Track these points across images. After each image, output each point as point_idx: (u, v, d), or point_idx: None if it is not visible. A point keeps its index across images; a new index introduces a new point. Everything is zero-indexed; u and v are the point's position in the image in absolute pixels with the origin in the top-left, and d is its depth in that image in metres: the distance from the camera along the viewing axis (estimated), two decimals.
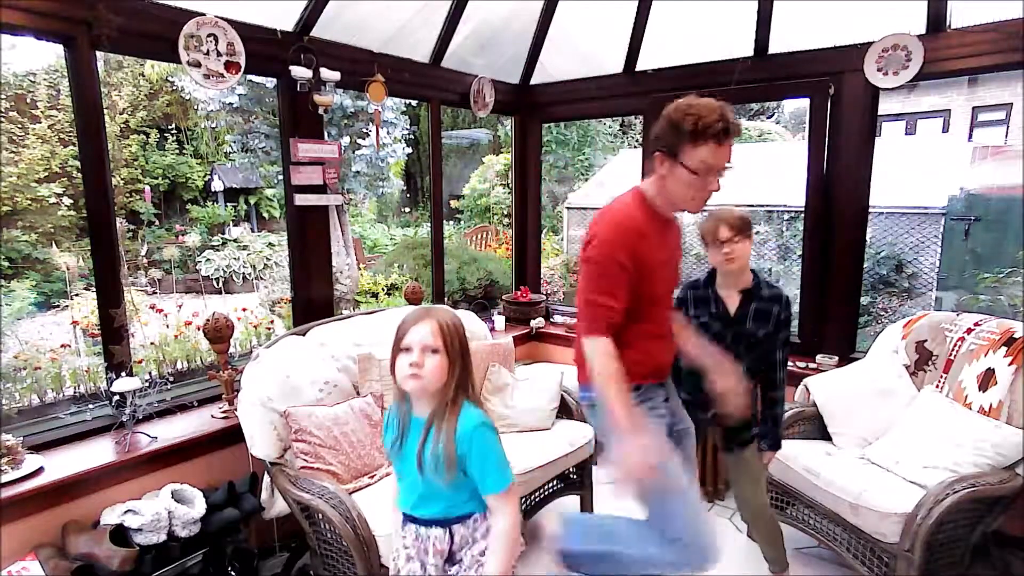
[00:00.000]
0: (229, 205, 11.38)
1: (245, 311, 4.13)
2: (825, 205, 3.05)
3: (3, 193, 7.92)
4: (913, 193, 6.68)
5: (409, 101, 7.42)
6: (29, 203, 8.21)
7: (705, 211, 1.77)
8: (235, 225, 11.18)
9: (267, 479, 2.26)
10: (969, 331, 2.44)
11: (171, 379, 2.67)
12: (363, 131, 7.09)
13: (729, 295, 2.05)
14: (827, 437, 2.57)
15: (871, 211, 3.21)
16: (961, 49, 2.66)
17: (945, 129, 10.27)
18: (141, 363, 3.05)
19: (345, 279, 6.55)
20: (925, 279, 6.55)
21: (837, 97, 2.97)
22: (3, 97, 8.22)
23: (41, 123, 8.47)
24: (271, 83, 5.98)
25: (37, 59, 8.79)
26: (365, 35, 3.00)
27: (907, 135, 10.65)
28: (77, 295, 4.84)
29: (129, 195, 9.80)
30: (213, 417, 2.42)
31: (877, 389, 2.53)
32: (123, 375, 2.23)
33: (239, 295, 8.64)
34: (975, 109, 10.11)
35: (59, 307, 5.76)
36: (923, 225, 6.63)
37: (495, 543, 1.35)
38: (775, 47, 3.12)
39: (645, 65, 3.57)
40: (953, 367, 2.43)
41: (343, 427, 2.28)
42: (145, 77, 10.24)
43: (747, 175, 1.58)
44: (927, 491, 1.98)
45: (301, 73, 2.69)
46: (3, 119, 8.20)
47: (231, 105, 6.80)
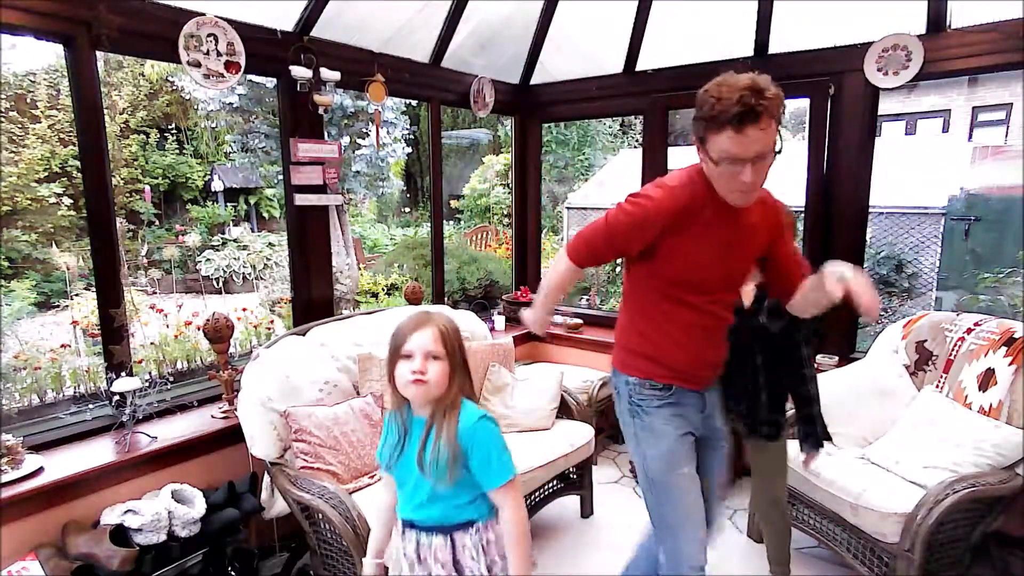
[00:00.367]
0: (229, 205, 11.39)
1: (245, 311, 4.13)
2: (825, 205, 3.05)
3: (3, 193, 7.93)
4: (913, 193, 6.68)
5: (409, 101, 7.42)
6: (29, 203, 8.21)
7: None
8: (235, 225, 11.18)
9: (267, 479, 2.26)
10: (969, 331, 2.44)
11: (171, 379, 2.67)
12: (363, 131, 7.09)
13: (745, 288, 2.03)
14: (827, 437, 2.56)
15: (871, 211, 3.21)
16: (961, 49, 2.66)
17: (945, 129, 10.28)
18: (141, 363, 3.06)
19: (345, 279, 6.55)
20: (925, 279, 6.56)
21: (837, 97, 2.97)
22: (3, 97, 8.22)
23: (41, 123, 8.47)
24: (271, 83, 5.98)
25: (37, 59, 8.81)
26: (365, 35, 3.00)
27: (907, 135, 10.65)
28: (77, 295, 4.84)
29: (129, 195, 9.79)
30: (213, 417, 2.42)
31: (877, 389, 2.53)
32: (123, 375, 2.23)
33: (239, 295, 8.64)
34: (975, 109, 10.11)
35: (59, 307, 5.76)
36: (923, 225, 6.63)
37: (509, 537, 1.36)
38: (775, 47, 3.12)
39: (645, 65, 3.57)
40: (953, 367, 2.43)
41: (343, 427, 2.28)
42: (145, 77, 10.25)
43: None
44: (927, 491, 1.98)
45: (301, 73, 2.69)
46: (3, 119, 8.20)
47: (231, 105, 6.80)
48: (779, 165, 1.43)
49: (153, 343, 3.31)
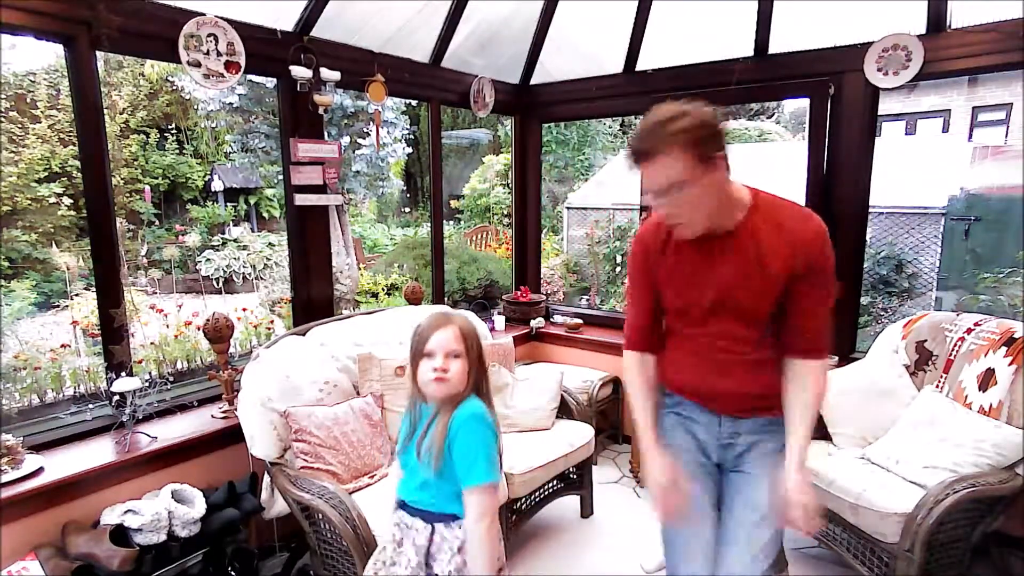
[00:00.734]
0: (229, 205, 11.38)
1: (245, 311, 4.14)
2: (825, 205, 3.05)
3: (3, 193, 7.92)
4: (913, 193, 6.68)
5: (409, 101, 7.42)
6: (29, 203, 8.21)
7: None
8: (235, 225, 11.17)
9: (267, 479, 2.26)
10: (969, 331, 2.44)
11: (171, 379, 2.67)
12: (363, 131, 7.10)
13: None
14: (827, 437, 2.57)
15: (871, 211, 3.21)
16: (961, 49, 2.66)
17: (945, 129, 10.27)
18: (141, 363, 3.06)
19: (345, 279, 6.55)
20: (925, 279, 6.55)
21: (837, 97, 2.97)
22: (3, 97, 8.22)
23: (41, 123, 8.47)
24: (271, 83, 5.98)
25: (37, 59, 8.80)
26: (365, 35, 3.00)
27: (907, 135, 10.64)
28: (77, 295, 4.84)
29: (129, 195, 9.79)
30: (213, 417, 2.42)
31: (877, 389, 2.53)
32: (123, 375, 2.23)
33: (239, 295, 8.64)
34: (975, 109, 10.11)
35: (59, 307, 5.75)
36: (923, 225, 6.63)
37: (468, 546, 1.35)
38: (775, 47, 3.12)
39: (645, 65, 3.57)
40: (953, 367, 2.43)
41: (343, 427, 2.28)
42: (145, 77, 10.24)
43: (747, 175, 1.51)
44: (927, 491, 1.98)
45: (301, 73, 2.69)
46: (3, 119, 8.20)
47: (231, 105, 6.80)
48: (780, 165, 1.42)
49: (153, 343, 3.32)
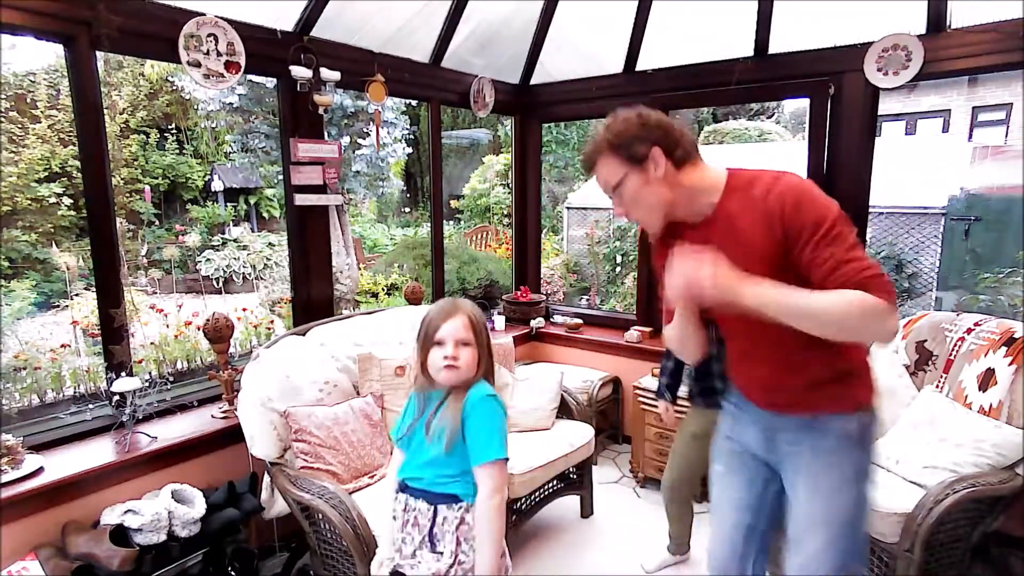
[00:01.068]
0: (229, 205, 11.38)
1: (245, 311, 4.14)
2: None
3: (3, 193, 7.92)
4: (913, 193, 6.68)
5: (409, 101, 7.42)
6: (29, 203, 8.21)
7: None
8: (235, 225, 11.18)
9: (267, 479, 2.26)
10: (969, 331, 2.44)
11: (171, 379, 2.67)
12: (363, 131, 7.10)
13: None
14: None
15: (871, 211, 3.21)
16: (961, 49, 2.66)
17: (945, 129, 10.27)
18: (141, 363, 3.06)
19: (345, 279, 6.55)
20: (925, 279, 6.56)
21: (837, 97, 2.97)
22: (3, 97, 8.22)
23: (41, 123, 8.47)
24: (271, 83, 5.98)
25: (37, 59, 8.79)
26: (365, 35, 3.00)
27: (907, 135, 10.65)
28: (77, 295, 4.84)
29: (129, 195, 9.79)
30: (213, 417, 2.42)
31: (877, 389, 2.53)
32: (123, 375, 2.23)
33: (239, 295, 8.64)
34: (975, 109, 10.11)
35: (59, 307, 5.75)
36: (923, 225, 6.63)
37: (479, 518, 1.39)
38: (775, 47, 3.12)
39: (645, 65, 3.57)
40: (953, 367, 2.43)
41: (343, 427, 2.28)
42: (145, 77, 10.24)
43: None
44: (927, 491, 1.98)
45: (301, 73, 2.69)
46: (3, 119, 8.20)
47: (231, 105, 6.81)
48: (780, 165, 1.42)
49: (153, 343, 3.32)
